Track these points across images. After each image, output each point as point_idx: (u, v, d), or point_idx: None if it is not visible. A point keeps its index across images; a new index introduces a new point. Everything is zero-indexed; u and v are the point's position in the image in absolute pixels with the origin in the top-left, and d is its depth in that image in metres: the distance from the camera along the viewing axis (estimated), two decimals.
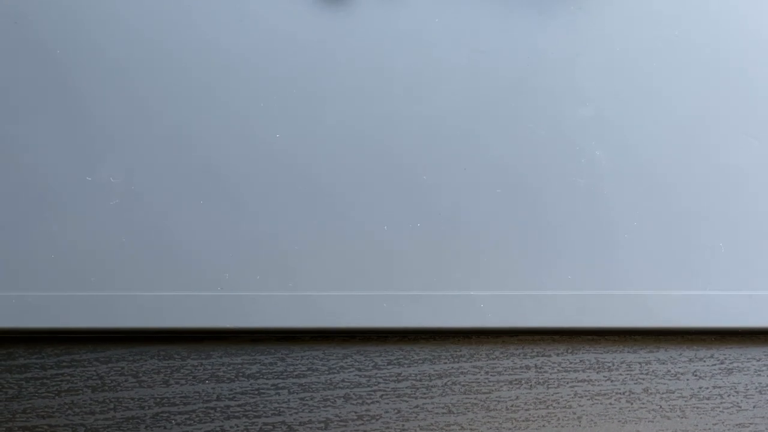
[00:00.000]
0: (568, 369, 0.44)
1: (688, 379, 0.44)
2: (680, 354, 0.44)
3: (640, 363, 0.44)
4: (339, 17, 0.49)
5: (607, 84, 0.47)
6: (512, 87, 0.47)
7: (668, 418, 0.43)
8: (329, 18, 0.49)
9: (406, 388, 0.44)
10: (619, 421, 0.44)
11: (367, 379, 0.44)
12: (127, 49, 0.48)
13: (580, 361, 0.44)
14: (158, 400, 0.44)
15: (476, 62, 0.48)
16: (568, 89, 0.47)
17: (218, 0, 0.49)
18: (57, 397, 0.44)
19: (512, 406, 0.44)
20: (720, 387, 0.44)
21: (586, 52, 0.48)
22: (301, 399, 0.44)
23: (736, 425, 0.43)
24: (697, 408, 0.44)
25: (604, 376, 0.44)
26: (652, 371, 0.44)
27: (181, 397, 0.44)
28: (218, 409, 0.44)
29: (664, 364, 0.44)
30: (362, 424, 0.43)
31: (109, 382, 0.44)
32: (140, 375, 0.44)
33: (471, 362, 0.44)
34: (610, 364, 0.44)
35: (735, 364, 0.44)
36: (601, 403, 0.44)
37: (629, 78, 0.47)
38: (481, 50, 0.48)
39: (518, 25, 0.48)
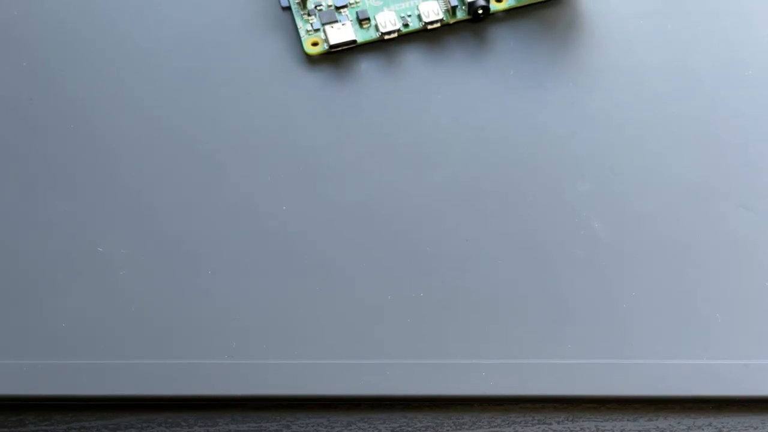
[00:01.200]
0: None
1: None
2: (679, 422, 0.45)
3: (639, 431, 0.44)
4: (344, 92, 0.50)
5: (605, 158, 0.48)
6: (512, 161, 0.48)
7: None
8: (335, 92, 0.50)
9: None
10: None
11: None
12: (137, 125, 0.49)
13: (581, 429, 0.44)
14: None
15: (477, 136, 0.49)
16: (566, 163, 0.48)
17: (224, 73, 0.50)
18: None
19: None
20: None
21: (584, 127, 0.49)
22: None
23: None
24: None
25: None
26: None
27: None
28: None
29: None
30: None
31: None
32: None
33: (473, 429, 0.44)
34: None
35: None
36: None
37: (626, 152, 0.48)
38: (482, 125, 0.49)
39: (518, 100, 0.50)
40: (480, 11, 0.51)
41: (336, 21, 0.51)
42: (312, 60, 0.51)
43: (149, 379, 0.44)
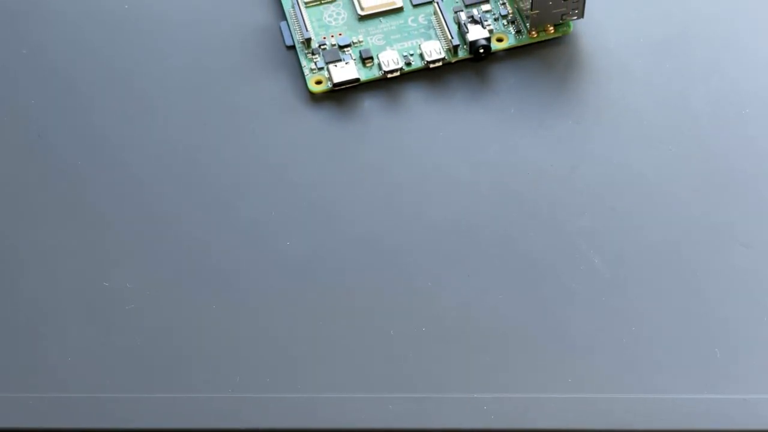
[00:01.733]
0: None
1: None
2: None
3: None
4: (348, 129, 0.50)
5: (605, 194, 0.48)
6: (513, 197, 0.48)
7: None
8: (338, 129, 0.50)
9: None
10: None
11: None
12: (143, 161, 0.49)
13: None
14: None
15: (479, 173, 0.49)
16: (567, 199, 0.48)
17: (230, 110, 0.51)
18: None
19: None
20: None
21: (584, 164, 0.49)
22: None
23: None
24: None
25: None
26: None
27: None
28: None
29: None
30: None
31: None
32: None
33: None
34: None
35: None
36: None
37: (625, 189, 0.49)
38: (484, 162, 0.49)
39: (519, 137, 0.50)
40: (481, 50, 0.52)
41: (339, 60, 0.52)
42: (316, 98, 0.51)
43: (155, 411, 0.44)
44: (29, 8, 0.54)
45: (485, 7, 0.53)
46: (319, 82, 0.51)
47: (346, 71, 0.51)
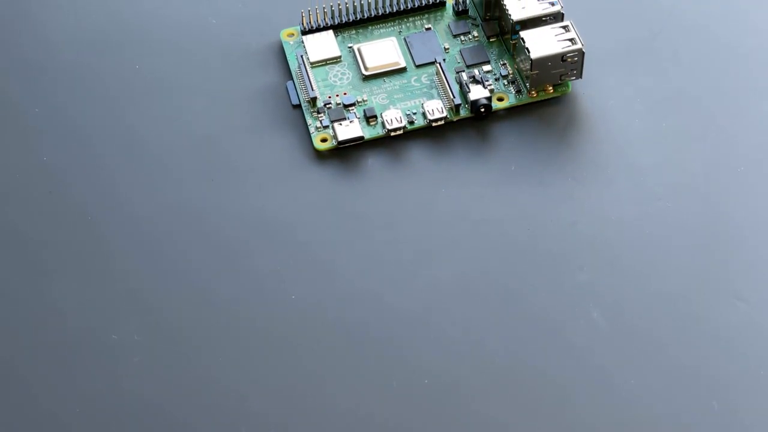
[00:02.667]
0: None
1: None
2: None
3: None
4: (352, 186, 0.51)
5: (603, 250, 0.49)
6: (514, 252, 0.49)
7: None
8: (343, 186, 0.51)
9: None
10: None
11: None
12: (152, 217, 0.50)
13: None
14: None
15: (480, 229, 0.49)
16: (566, 254, 0.49)
17: (237, 167, 0.51)
18: None
19: None
20: None
21: (583, 221, 0.50)
22: None
23: None
24: None
25: None
26: None
27: None
28: None
29: None
30: None
31: None
32: None
33: None
34: None
35: None
36: None
37: (623, 245, 0.49)
38: (485, 218, 0.50)
39: (519, 194, 0.50)
40: (482, 109, 0.52)
41: (344, 118, 0.52)
42: (321, 155, 0.52)
43: None
44: (42, 67, 0.55)
45: (486, 67, 0.54)
46: (324, 140, 0.52)
47: (350, 129, 0.52)
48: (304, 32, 0.55)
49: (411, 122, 0.52)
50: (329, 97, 0.53)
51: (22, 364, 0.46)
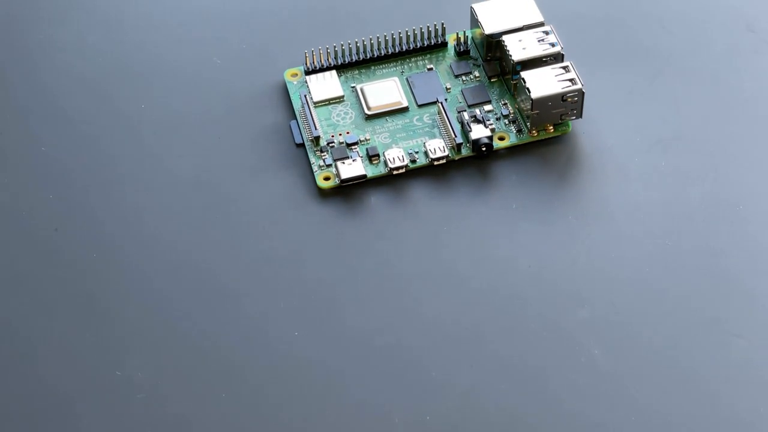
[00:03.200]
0: None
1: None
2: None
3: None
4: (355, 224, 0.51)
5: (604, 288, 0.49)
6: (515, 290, 0.49)
7: None
8: (346, 224, 0.51)
9: None
10: None
11: None
12: (155, 254, 0.50)
13: None
14: None
15: (481, 267, 0.50)
16: (567, 292, 0.49)
17: (241, 205, 0.51)
18: None
19: None
20: None
21: (583, 259, 0.50)
22: None
23: None
24: None
25: None
26: None
27: None
28: None
29: None
30: None
31: None
32: None
33: None
34: None
35: None
36: None
37: (624, 283, 0.49)
38: (486, 256, 0.50)
39: (520, 233, 0.51)
40: (483, 148, 0.52)
41: (347, 157, 0.52)
42: (324, 193, 0.52)
43: None
44: (48, 106, 0.55)
45: (487, 107, 0.54)
46: (327, 179, 0.52)
47: (353, 168, 0.52)
48: (308, 72, 0.56)
49: (413, 161, 0.53)
50: (332, 136, 0.54)
51: (25, 401, 0.47)
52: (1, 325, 0.49)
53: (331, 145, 0.53)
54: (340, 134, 0.54)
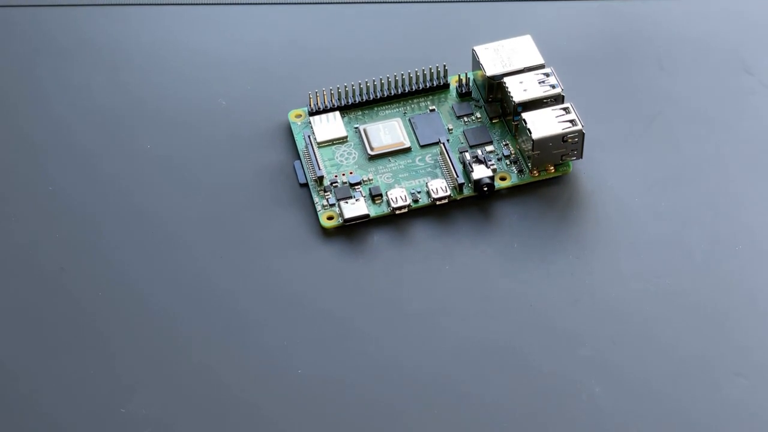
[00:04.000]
0: None
1: None
2: None
3: None
4: (358, 262, 0.51)
5: (604, 327, 0.49)
6: (517, 328, 0.49)
7: None
8: (349, 263, 0.51)
9: None
10: None
11: None
12: (161, 291, 0.50)
13: None
14: None
15: (483, 305, 0.50)
16: (568, 331, 0.49)
17: (247, 244, 0.52)
18: None
19: None
20: None
21: (584, 297, 0.50)
22: None
23: None
24: None
25: None
26: None
27: None
28: None
29: None
30: None
31: None
32: None
33: None
34: None
35: None
36: None
37: (624, 322, 0.49)
38: (488, 295, 0.50)
39: (521, 271, 0.51)
40: (485, 188, 0.53)
41: (350, 197, 0.53)
42: (328, 233, 0.52)
43: None
44: (55, 145, 0.56)
45: (489, 147, 0.55)
46: (330, 218, 0.53)
47: (356, 208, 0.52)
48: (312, 113, 0.56)
49: (415, 200, 0.53)
50: (336, 176, 0.54)
51: None
52: (8, 362, 0.49)
53: (334, 184, 0.54)
54: (344, 174, 0.54)
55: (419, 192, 0.53)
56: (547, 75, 0.55)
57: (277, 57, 0.59)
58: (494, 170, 0.54)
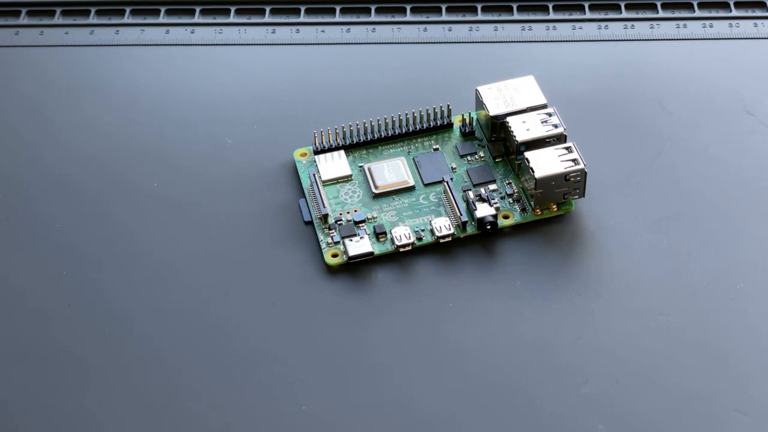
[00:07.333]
0: None
1: None
2: None
3: None
4: (362, 300, 0.52)
5: (607, 364, 0.49)
6: (519, 365, 0.49)
7: None
8: (353, 300, 0.52)
9: None
10: None
11: None
12: (166, 330, 0.51)
13: None
14: None
15: (487, 343, 0.50)
16: (571, 368, 0.49)
17: (251, 281, 0.52)
18: None
19: None
20: None
21: (587, 335, 0.50)
22: None
23: None
24: None
25: None
26: None
27: None
28: None
29: None
30: None
31: None
32: None
33: None
34: None
35: None
36: None
37: (627, 359, 0.49)
38: (491, 332, 0.50)
39: (524, 309, 0.51)
40: (488, 226, 0.53)
41: (355, 235, 0.53)
42: (332, 270, 0.53)
43: None
44: (61, 183, 0.56)
45: (492, 186, 0.55)
46: (335, 256, 0.53)
47: (360, 245, 0.53)
48: (317, 152, 0.57)
49: (419, 239, 0.53)
50: (340, 214, 0.54)
51: None
52: (13, 398, 0.49)
53: (339, 222, 0.54)
54: (348, 212, 0.54)
55: (423, 230, 0.54)
56: (550, 114, 0.55)
57: (282, 96, 0.60)
58: (497, 209, 0.54)
